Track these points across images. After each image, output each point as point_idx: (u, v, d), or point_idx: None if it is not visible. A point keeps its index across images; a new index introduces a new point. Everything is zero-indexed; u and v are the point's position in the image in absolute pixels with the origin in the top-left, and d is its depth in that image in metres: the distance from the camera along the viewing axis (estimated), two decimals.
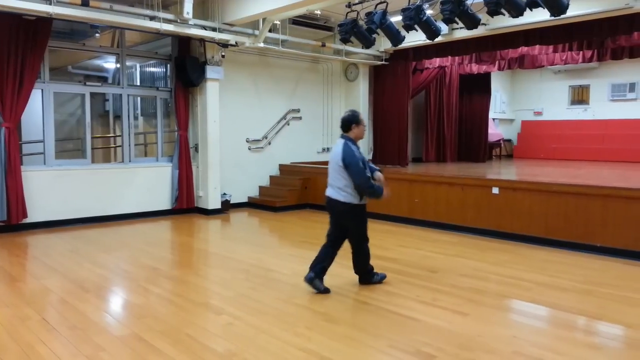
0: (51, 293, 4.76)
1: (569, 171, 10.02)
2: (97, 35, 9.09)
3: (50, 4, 6.78)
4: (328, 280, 4.78)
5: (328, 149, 11.65)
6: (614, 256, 6.14)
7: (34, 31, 7.29)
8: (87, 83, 8.69)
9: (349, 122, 4.66)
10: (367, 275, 5.00)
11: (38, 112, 8.02)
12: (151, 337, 3.68)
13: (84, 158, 8.52)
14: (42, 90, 7.87)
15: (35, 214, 7.69)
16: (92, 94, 8.69)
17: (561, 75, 15.47)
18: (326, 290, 4.72)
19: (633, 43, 8.99)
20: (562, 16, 6.59)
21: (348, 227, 4.79)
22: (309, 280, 4.71)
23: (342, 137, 4.70)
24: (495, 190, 7.39)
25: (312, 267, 4.76)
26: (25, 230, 7.56)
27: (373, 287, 4.90)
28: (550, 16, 6.42)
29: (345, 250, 4.85)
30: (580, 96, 15.39)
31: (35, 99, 7.85)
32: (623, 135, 14.00)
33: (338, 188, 4.64)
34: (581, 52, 10.28)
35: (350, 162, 4.50)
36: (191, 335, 3.72)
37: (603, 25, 8.01)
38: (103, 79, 10.89)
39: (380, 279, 5.05)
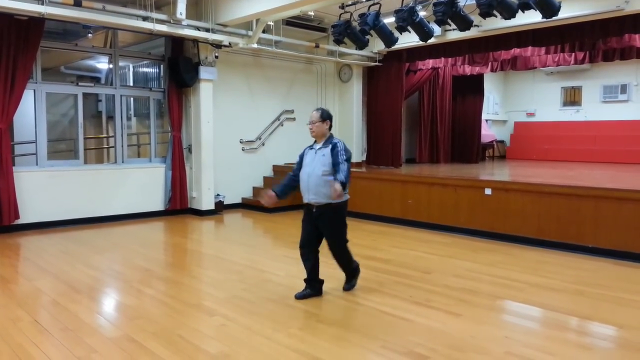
0: (43, 294, 4.74)
1: (561, 172, 10.06)
2: (89, 35, 9.05)
3: (42, 4, 6.74)
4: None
5: None
6: (605, 257, 6.18)
7: (25, 31, 7.25)
8: (80, 83, 8.65)
9: None
10: None
11: (30, 112, 7.97)
12: (143, 339, 3.67)
13: (77, 159, 8.48)
14: (34, 90, 7.83)
15: (27, 215, 7.64)
16: (85, 95, 8.65)
17: (553, 77, 15.54)
18: None
19: (624, 45, 9.04)
20: (554, 18, 6.65)
21: None
22: None
23: None
24: (488, 191, 7.42)
25: None
26: (17, 231, 7.52)
27: (366, 288, 4.91)
28: (542, 18, 6.47)
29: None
30: (572, 97, 15.47)
31: (28, 99, 7.81)
32: (615, 137, 14.08)
33: None
34: (573, 54, 10.33)
35: None
36: (184, 337, 3.72)
37: (594, 27, 8.06)
38: (96, 80, 10.84)
39: None
